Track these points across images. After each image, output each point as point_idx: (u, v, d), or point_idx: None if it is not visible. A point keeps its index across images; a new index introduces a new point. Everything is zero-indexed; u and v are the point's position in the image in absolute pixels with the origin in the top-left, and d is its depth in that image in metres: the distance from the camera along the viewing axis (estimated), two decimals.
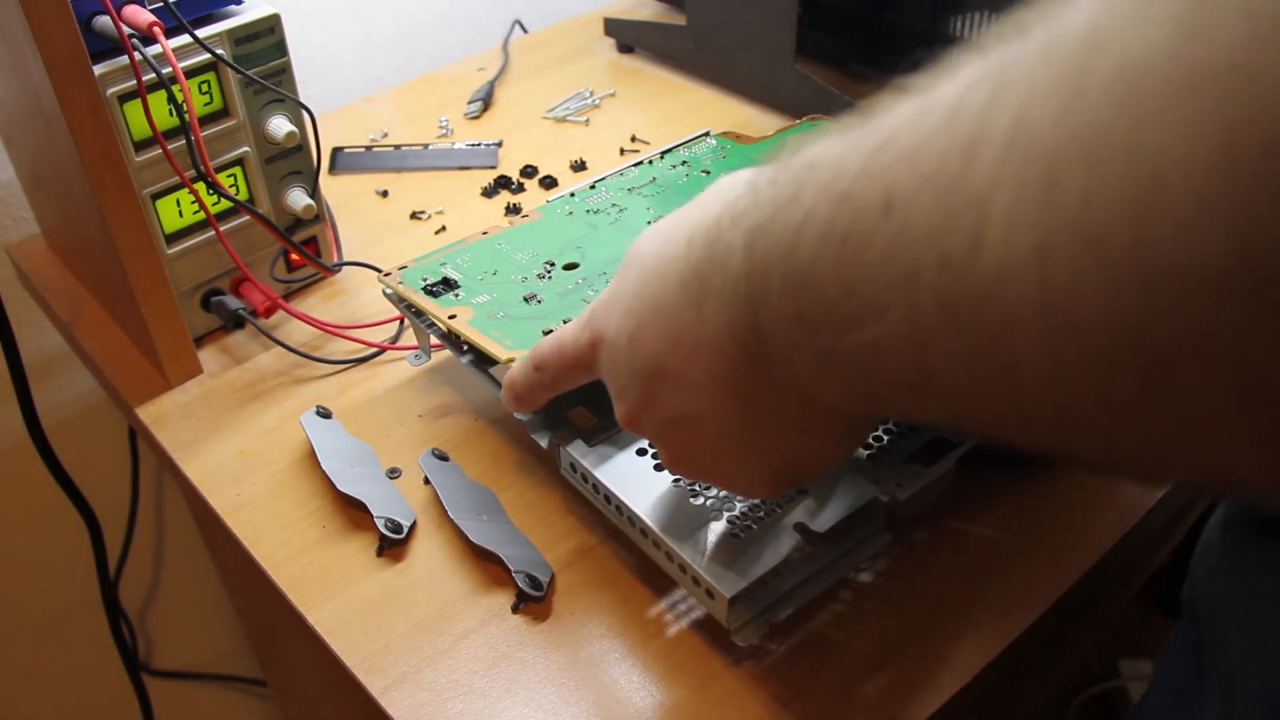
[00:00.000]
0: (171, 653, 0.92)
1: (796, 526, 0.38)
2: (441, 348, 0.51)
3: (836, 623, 0.40)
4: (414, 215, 0.65)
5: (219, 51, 0.49)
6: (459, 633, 0.41)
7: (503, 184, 0.67)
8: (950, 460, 0.40)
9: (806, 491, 0.39)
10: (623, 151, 0.71)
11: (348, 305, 0.58)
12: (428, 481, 0.46)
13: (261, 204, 0.55)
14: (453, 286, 0.48)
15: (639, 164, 0.58)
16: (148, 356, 0.53)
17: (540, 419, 0.44)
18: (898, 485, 0.39)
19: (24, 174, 0.61)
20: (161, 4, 0.47)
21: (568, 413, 0.44)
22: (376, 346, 0.54)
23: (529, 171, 0.68)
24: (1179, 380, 0.17)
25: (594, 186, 0.56)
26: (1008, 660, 0.40)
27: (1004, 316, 0.19)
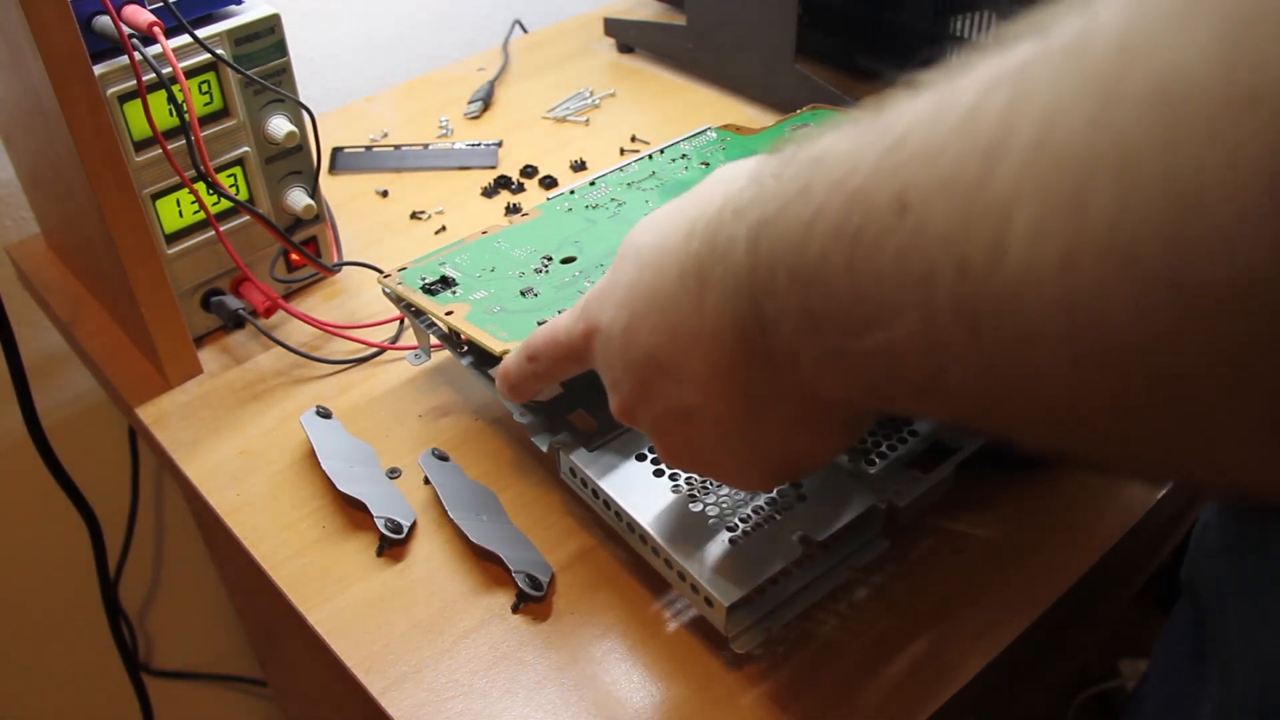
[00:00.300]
0: (171, 653, 0.92)
1: (795, 535, 0.38)
2: (442, 348, 0.51)
3: (837, 623, 0.40)
4: (414, 215, 0.65)
5: (219, 51, 0.49)
6: (459, 633, 0.41)
7: (503, 184, 0.67)
8: (949, 466, 0.40)
9: (805, 499, 0.39)
10: (623, 151, 0.71)
11: (348, 305, 0.58)
12: (428, 481, 0.46)
13: (261, 204, 0.55)
14: (450, 284, 0.48)
15: (639, 159, 0.58)
16: (148, 356, 0.53)
17: (540, 421, 0.43)
18: (896, 492, 0.39)
19: (24, 174, 0.61)
20: (161, 4, 0.47)
21: (567, 415, 0.44)
22: (376, 346, 0.54)
23: (529, 171, 0.68)
24: (1204, 394, 0.17)
25: (594, 183, 0.56)
26: (1008, 660, 0.40)
27: (1026, 325, 0.19)
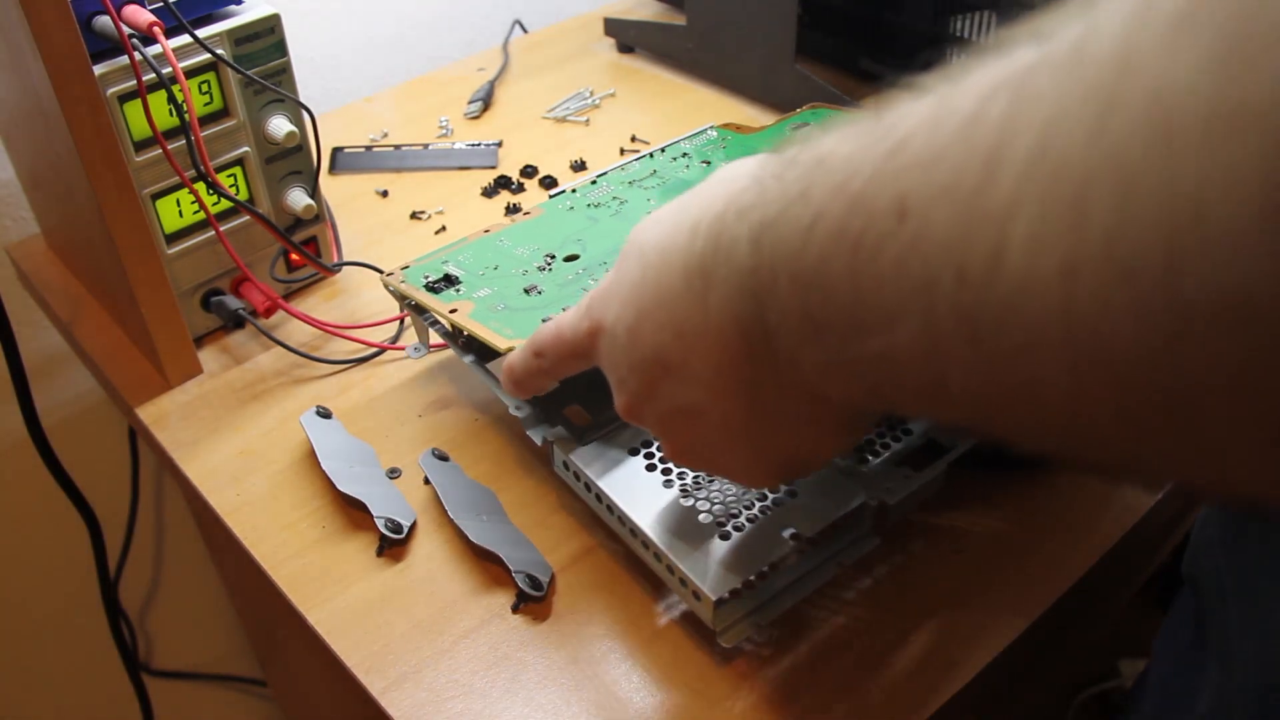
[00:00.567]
0: (171, 653, 0.92)
1: (785, 530, 0.38)
2: (443, 347, 0.51)
3: (836, 622, 0.40)
4: (414, 215, 0.65)
5: (219, 51, 0.49)
6: (459, 633, 0.41)
7: (503, 184, 0.67)
8: (941, 465, 0.40)
9: (796, 495, 0.39)
10: (623, 151, 0.71)
11: (348, 305, 0.58)
12: (428, 481, 0.46)
13: (261, 204, 0.55)
14: (454, 282, 0.48)
15: (640, 158, 0.58)
16: (148, 356, 0.53)
17: (536, 415, 0.44)
18: (887, 490, 0.39)
19: (24, 174, 0.61)
20: (161, 4, 0.47)
21: (563, 410, 0.44)
22: (376, 346, 0.54)
23: (529, 171, 0.68)
24: (1204, 405, 0.17)
25: (595, 181, 0.56)
26: (1008, 660, 0.40)
27: (1026, 333, 0.19)
